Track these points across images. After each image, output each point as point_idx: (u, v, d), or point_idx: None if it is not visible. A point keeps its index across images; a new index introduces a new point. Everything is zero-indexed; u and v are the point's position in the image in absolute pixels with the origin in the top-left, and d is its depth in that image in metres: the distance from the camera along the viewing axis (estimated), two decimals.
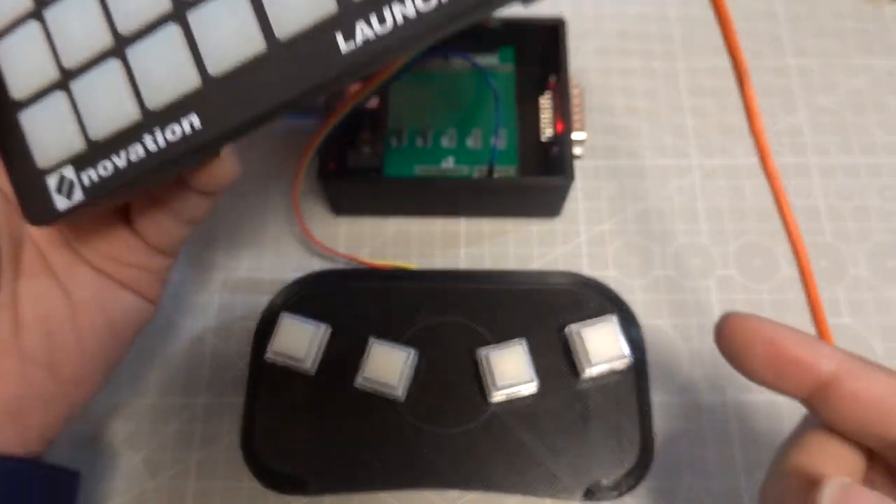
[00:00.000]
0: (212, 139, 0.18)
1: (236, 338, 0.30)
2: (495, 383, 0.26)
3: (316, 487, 0.25)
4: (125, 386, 0.30)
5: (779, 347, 0.18)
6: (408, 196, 0.31)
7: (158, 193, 0.23)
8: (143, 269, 0.24)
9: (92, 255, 0.23)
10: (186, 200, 0.23)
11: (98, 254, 0.23)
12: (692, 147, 0.34)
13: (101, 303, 0.23)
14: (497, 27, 0.32)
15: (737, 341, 0.18)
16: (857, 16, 0.37)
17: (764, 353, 0.18)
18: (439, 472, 0.26)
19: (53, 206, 0.20)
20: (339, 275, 0.29)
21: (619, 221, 0.32)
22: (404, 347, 0.26)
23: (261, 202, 0.33)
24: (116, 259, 0.24)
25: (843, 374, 0.18)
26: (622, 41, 0.37)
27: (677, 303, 0.31)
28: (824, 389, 0.18)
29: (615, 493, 0.25)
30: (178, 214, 0.23)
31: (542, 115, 0.33)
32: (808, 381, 0.18)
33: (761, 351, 0.18)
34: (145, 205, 0.23)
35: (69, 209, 0.20)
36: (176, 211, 0.23)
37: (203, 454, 0.28)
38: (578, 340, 0.26)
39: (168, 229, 0.24)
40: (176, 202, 0.23)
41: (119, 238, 0.23)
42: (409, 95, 0.32)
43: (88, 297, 0.23)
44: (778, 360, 0.18)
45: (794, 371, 0.18)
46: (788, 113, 0.34)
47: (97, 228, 0.23)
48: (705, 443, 0.28)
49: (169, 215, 0.23)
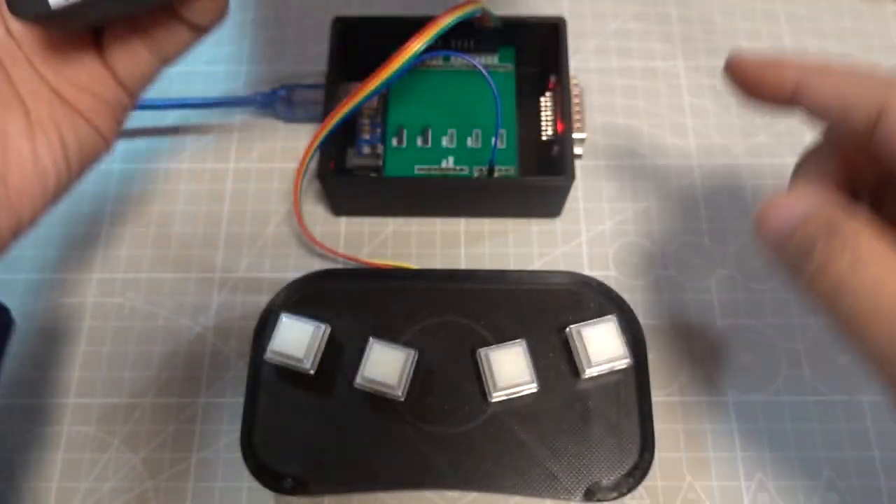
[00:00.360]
0: None
1: (236, 338, 0.30)
2: (495, 383, 0.26)
3: (316, 487, 0.25)
4: (125, 386, 0.30)
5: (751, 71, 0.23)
6: (408, 196, 0.31)
7: (144, 21, 0.23)
8: (102, 101, 0.25)
9: (55, 77, 0.24)
10: (170, 31, 0.24)
11: (62, 77, 0.24)
12: (692, 147, 0.34)
13: (57, 124, 0.24)
14: (497, 27, 0.32)
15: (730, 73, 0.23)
16: (857, 16, 0.37)
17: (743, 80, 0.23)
18: (439, 472, 0.26)
19: (47, 3, 0.20)
20: (339, 275, 0.29)
21: (619, 221, 0.32)
22: (404, 347, 0.26)
23: (261, 202, 0.33)
24: (78, 85, 0.24)
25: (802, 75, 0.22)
26: (622, 41, 0.36)
27: (677, 303, 0.31)
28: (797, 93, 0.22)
29: (615, 494, 0.25)
30: (156, 46, 0.24)
31: (542, 115, 0.33)
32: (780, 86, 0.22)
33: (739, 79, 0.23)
34: (125, 31, 0.24)
35: (63, 7, 0.20)
36: (156, 41, 0.24)
37: (203, 454, 0.28)
38: (579, 340, 0.26)
39: (140, 60, 0.24)
40: (159, 31, 0.24)
41: (86, 65, 0.24)
42: (409, 95, 0.32)
43: (45, 117, 0.24)
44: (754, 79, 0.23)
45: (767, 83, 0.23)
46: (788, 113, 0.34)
47: (66, 52, 0.24)
48: (705, 443, 0.28)
49: (147, 44, 0.24)
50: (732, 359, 0.30)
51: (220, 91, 0.36)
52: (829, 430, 0.28)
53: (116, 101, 0.25)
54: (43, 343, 0.30)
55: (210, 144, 0.34)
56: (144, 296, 0.31)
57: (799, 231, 0.20)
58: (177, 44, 0.24)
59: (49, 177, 0.24)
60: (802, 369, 0.29)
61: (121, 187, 0.34)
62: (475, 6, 0.29)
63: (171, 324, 0.31)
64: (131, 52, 0.24)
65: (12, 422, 0.29)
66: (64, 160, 0.24)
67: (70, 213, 0.33)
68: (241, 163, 0.34)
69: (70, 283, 0.31)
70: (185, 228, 0.33)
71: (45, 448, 0.29)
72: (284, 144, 0.34)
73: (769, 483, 0.28)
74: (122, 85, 0.25)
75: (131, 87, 0.25)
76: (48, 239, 0.32)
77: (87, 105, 0.24)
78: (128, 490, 0.28)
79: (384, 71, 0.28)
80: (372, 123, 0.33)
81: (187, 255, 0.32)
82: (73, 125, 0.24)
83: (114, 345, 0.30)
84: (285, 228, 0.32)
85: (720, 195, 0.33)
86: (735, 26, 0.37)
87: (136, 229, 0.33)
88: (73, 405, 0.29)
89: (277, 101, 0.33)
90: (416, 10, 0.38)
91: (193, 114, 0.35)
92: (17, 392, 0.29)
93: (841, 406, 0.29)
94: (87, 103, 0.24)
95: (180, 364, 0.30)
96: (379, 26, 0.32)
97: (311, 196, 0.33)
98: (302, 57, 0.36)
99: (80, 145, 0.25)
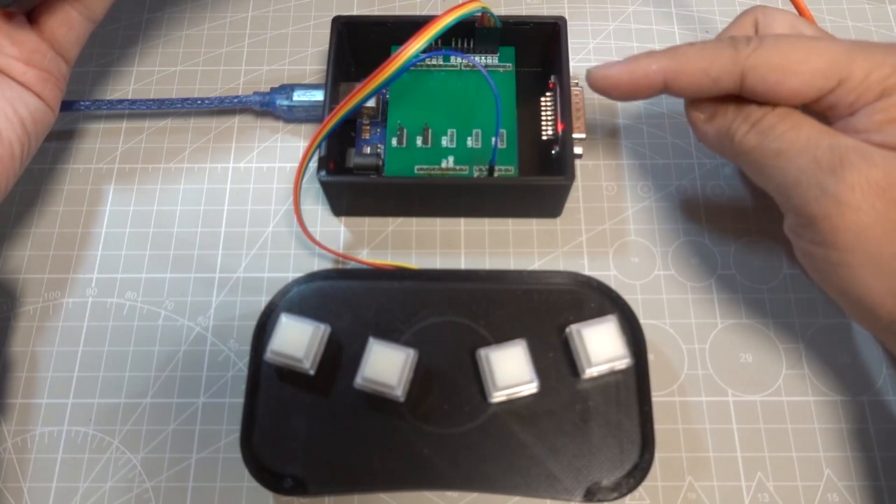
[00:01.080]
0: None
1: (236, 338, 0.30)
2: (495, 383, 0.26)
3: (316, 487, 0.25)
4: (125, 386, 0.30)
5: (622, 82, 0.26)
6: (408, 196, 0.31)
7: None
8: (45, 72, 0.28)
9: (1, 59, 0.27)
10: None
11: (6, 57, 0.27)
12: (692, 147, 0.34)
13: (11, 100, 0.27)
14: (497, 27, 0.31)
15: (601, 90, 0.27)
16: (857, 16, 0.37)
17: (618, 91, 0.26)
18: (439, 472, 0.26)
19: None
20: (339, 275, 0.29)
21: (619, 221, 0.32)
22: (404, 347, 0.26)
23: (260, 202, 0.33)
24: (23, 61, 0.27)
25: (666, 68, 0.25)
26: (622, 41, 0.36)
27: (677, 303, 0.31)
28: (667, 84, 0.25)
29: (615, 494, 0.25)
30: (84, 6, 0.28)
31: (542, 115, 0.33)
32: (652, 85, 0.26)
33: (616, 92, 0.26)
34: (56, 2, 0.27)
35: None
36: (84, 3, 0.28)
37: (202, 454, 0.28)
38: (579, 340, 0.26)
39: (74, 23, 0.28)
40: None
41: (26, 42, 0.27)
42: (409, 95, 0.32)
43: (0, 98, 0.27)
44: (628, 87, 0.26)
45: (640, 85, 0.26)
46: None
47: (7, 34, 0.27)
48: (705, 443, 0.28)
49: (76, 7, 0.28)
50: (732, 359, 0.30)
51: (219, 91, 0.36)
52: (829, 430, 0.28)
53: (57, 70, 0.29)
54: (43, 343, 0.30)
55: (210, 144, 0.34)
56: (144, 296, 0.31)
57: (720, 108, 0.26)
58: (101, 2, 0.28)
59: (13, 147, 0.27)
60: (802, 369, 0.29)
61: (120, 187, 0.33)
62: (475, 6, 0.29)
63: (170, 324, 0.31)
64: (64, 18, 0.28)
65: (12, 422, 0.29)
66: (24, 132, 0.28)
67: (69, 212, 0.33)
68: (240, 163, 0.34)
69: (70, 283, 0.31)
70: (184, 228, 0.33)
71: (43, 448, 0.29)
72: (284, 144, 0.34)
73: (769, 483, 0.28)
74: (60, 54, 0.29)
75: (68, 54, 0.29)
76: (47, 238, 0.32)
77: (33, 79, 0.28)
78: (127, 490, 0.28)
79: (384, 71, 0.28)
80: (372, 123, 0.33)
81: (187, 255, 0.32)
82: (24, 100, 0.28)
83: (113, 345, 0.30)
84: (285, 228, 0.32)
85: (720, 195, 0.33)
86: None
87: (135, 229, 0.33)
88: (72, 405, 0.29)
89: (277, 101, 0.33)
90: (415, 9, 0.38)
91: (193, 114, 0.35)
92: (17, 392, 0.29)
93: (841, 406, 0.29)
94: (33, 77, 0.28)
95: (180, 364, 0.30)
96: (379, 26, 0.32)
97: (311, 196, 0.33)
98: (301, 56, 0.36)
99: (34, 117, 0.28)
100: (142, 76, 0.36)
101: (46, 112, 0.29)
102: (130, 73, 0.36)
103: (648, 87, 0.26)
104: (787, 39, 0.24)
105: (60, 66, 0.29)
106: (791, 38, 0.24)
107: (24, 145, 0.28)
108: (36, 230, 0.33)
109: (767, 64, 0.24)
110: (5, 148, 0.27)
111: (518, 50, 0.33)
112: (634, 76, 0.25)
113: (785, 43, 0.24)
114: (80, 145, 0.34)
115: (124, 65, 0.36)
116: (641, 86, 0.26)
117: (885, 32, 0.36)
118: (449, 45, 0.33)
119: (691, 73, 0.25)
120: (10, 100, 0.27)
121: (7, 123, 0.27)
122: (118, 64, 0.36)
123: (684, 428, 0.29)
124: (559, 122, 0.31)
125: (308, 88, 0.33)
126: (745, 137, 0.25)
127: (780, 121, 0.24)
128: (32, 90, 0.28)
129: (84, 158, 0.34)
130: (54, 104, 0.29)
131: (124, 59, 0.36)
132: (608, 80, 0.26)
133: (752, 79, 0.24)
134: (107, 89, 0.36)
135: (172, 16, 0.38)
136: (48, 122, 0.29)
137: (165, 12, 0.38)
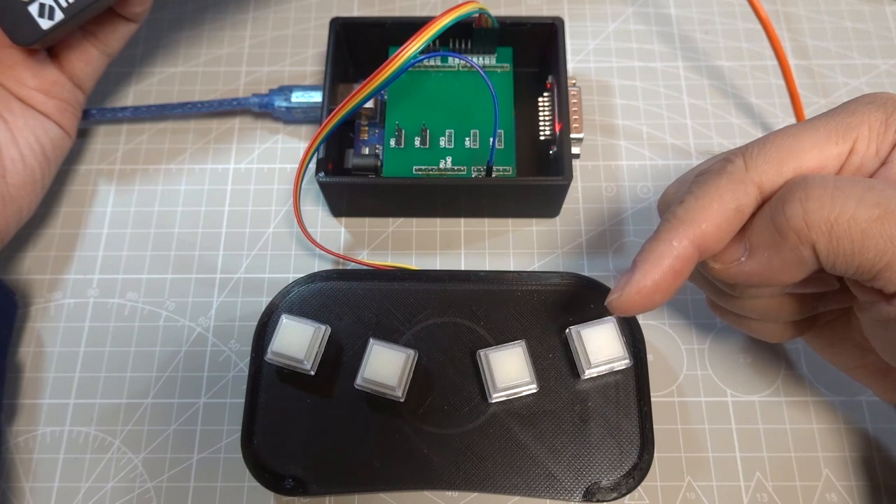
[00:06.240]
0: None
1: (236, 338, 0.30)
2: (495, 384, 0.26)
3: (316, 487, 0.26)
4: (126, 386, 0.30)
5: (651, 294, 0.21)
6: (406, 197, 0.31)
7: (90, 26, 0.29)
8: (64, 102, 0.30)
9: (23, 90, 0.29)
10: (111, 27, 0.30)
11: (29, 89, 0.29)
12: (693, 147, 0.34)
13: (33, 129, 0.29)
14: (494, 27, 0.32)
15: (633, 311, 0.22)
16: (857, 16, 0.37)
17: (652, 303, 0.21)
18: (439, 472, 0.26)
19: (38, 27, 0.27)
20: (339, 275, 0.29)
21: (619, 221, 0.32)
22: (404, 348, 0.26)
23: (261, 202, 0.33)
24: (44, 92, 0.29)
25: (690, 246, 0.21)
26: (622, 41, 0.37)
27: (677, 303, 0.31)
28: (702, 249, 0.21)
29: (615, 494, 0.25)
30: (102, 42, 0.30)
31: (540, 115, 0.33)
32: (689, 260, 0.21)
33: (647, 305, 0.21)
34: (76, 37, 0.30)
35: (51, 28, 0.27)
36: (101, 38, 0.30)
37: (203, 454, 0.28)
38: (578, 341, 0.26)
39: (91, 58, 0.30)
40: (102, 30, 0.30)
41: (48, 74, 0.29)
42: (408, 96, 0.32)
43: (22, 125, 0.29)
44: (664, 292, 0.21)
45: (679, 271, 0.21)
46: (788, 114, 0.34)
47: (30, 67, 0.29)
48: (705, 443, 0.28)
49: (94, 43, 0.30)
50: (732, 359, 0.30)
51: (219, 93, 0.36)
52: (829, 430, 0.28)
53: (74, 100, 0.31)
54: (43, 343, 0.30)
55: (210, 146, 0.34)
56: (145, 296, 0.31)
57: None
58: (118, 37, 0.30)
59: (36, 173, 0.29)
60: (802, 369, 0.29)
61: (121, 188, 0.34)
62: (473, 7, 0.29)
63: (171, 324, 0.31)
64: (83, 53, 0.30)
65: (13, 422, 0.29)
66: (44, 157, 0.30)
67: (71, 213, 0.33)
68: (240, 164, 0.34)
69: (71, 284, 0.32)
70: (185, 229, 0.33)
71: (45, 448, 0.29)
72: (284, 145, 0.34)
73: (768, 483, 0.28)
74: (77, 85, 0.31)
75: (85, 85, 0.31)
76: (49, 239, 0.32)
77: (52, 108, 0.30)
78: (128, 490, 0.28)
79: (383, 72, 0.28)
80: (370, 124, 0.33)
81: (188, 256, 0.32)
82: (45, 128, 0.30)
83: (115, 345, 0.30)
84: (286, 229, 0.33)
85: None
86: (735, 26, 0.37)
87: (136, 230, 0.33)
88: (73, 405, 0.29)
89: (275, 102, 0.33)
90: (414, 11, 0.38)
91: (193, 115, 0.35)
92: (17, 392, 0.30)
93: (841, 406, 0.29)
94: (53, 107, 0.30)
95: (181, 365, 0.30)
96: (376, 27, 0.32)
97: (311, 197, 0.33)
98: (301, 57, 0.36)
99: (53, 143, 0.30)
100: (143, 77, 0.36)
101: (64, 138, 0.31)
102: (131, 73, 0.36)
103: (685, 266, 0.21)
104: (772, 135, 0.22)
105: (78, 97, 0.31)
106: (771, 135, 0.22)
107: (45, 170, 0.30)
108: (37, 231, 0.33)
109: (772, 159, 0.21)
110: (29, 174, 0.29)
111: (516, 50, 0.33)
112: (668, 269, 0.21)
113: (771, 137, 0.22)
114: (82, 146, 0.35)
115: (126, 66, 0.36)
116: (681, 271, 0.21)
117: (884, 33, 0.36)
118: (447, 46, 0.33)
119: (712, 217, 0.21)
120: (33, 128, 0.29)
121: (30, 151, 0.29)
122: (120, 65, 0.36)
123: (683, 428, 0.29)
124: (557, 122, 0.31)
125: (306, 90, 0.33)
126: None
127: None
128: (52, 118, 0.30)
129: (85, 159, 0.34)
130: (72, 131, 0.31)
131: (126, 61, 0.37)
132: (643, 294, 0.21)
133: (767, 180, 0.21)
134: (108, 90, 0.36)
135: (173, 17, 0.38)
136: (66, 148, 0.31)
137: (166, 12, 0.38)
